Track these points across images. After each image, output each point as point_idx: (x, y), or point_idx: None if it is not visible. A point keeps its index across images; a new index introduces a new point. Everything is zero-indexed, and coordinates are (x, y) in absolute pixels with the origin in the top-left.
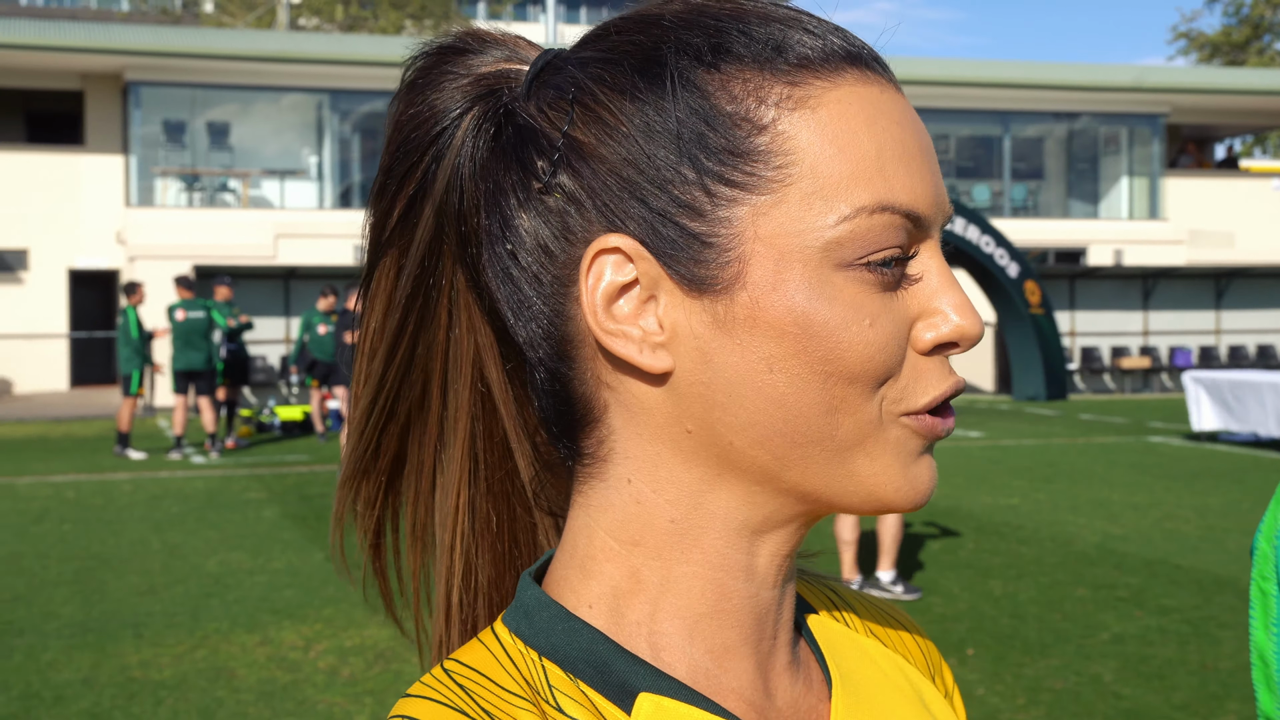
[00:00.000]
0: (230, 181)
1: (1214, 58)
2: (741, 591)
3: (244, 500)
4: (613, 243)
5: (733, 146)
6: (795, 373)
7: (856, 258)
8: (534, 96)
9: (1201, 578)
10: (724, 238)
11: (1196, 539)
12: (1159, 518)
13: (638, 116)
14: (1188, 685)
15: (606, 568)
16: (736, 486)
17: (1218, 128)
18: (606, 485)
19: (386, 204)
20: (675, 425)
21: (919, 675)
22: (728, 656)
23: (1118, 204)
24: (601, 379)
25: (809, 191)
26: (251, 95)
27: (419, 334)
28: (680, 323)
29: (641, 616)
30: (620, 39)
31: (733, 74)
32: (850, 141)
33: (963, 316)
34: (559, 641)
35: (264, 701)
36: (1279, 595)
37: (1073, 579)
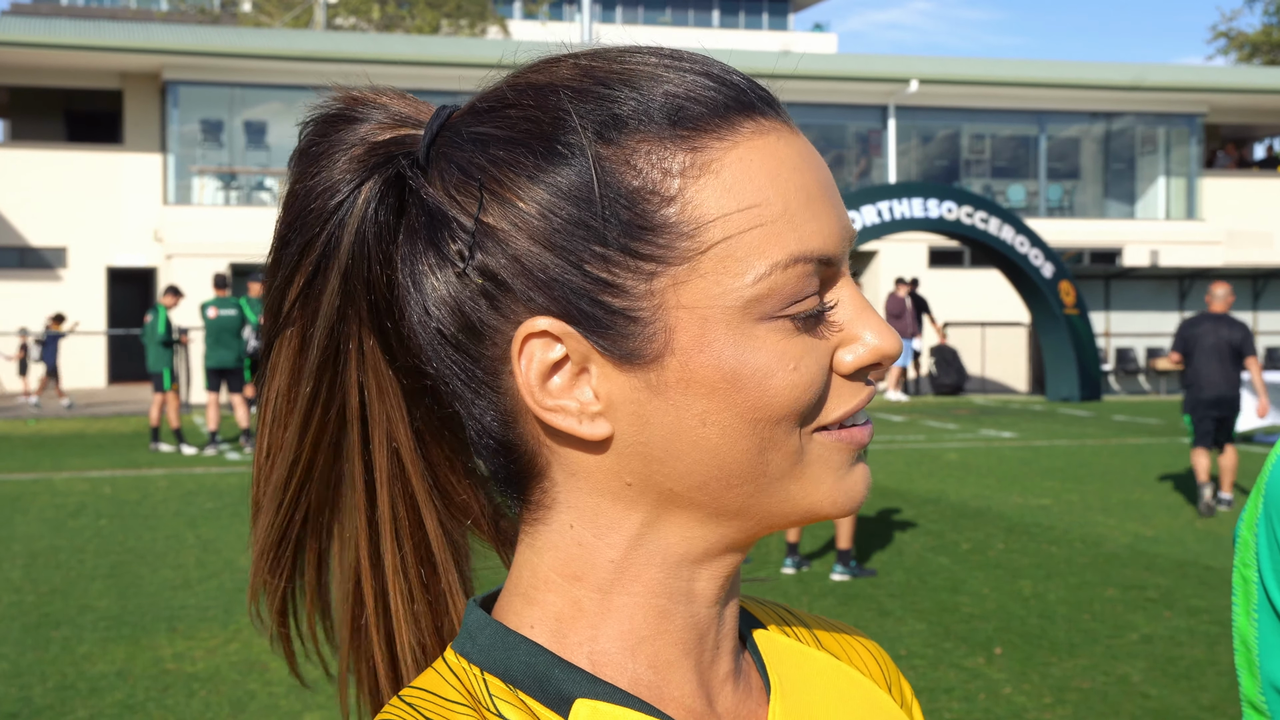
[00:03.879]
0: (267, 180)
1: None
2: (682, 613)
3: None
4: (539, 326)
5: (644, 221)
6: (727, 424)
7: (777, 310)
8: (436, 172)
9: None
10: (646, 311)
11: (1228, 540)
12: (1190, 518)
13: (545, 199)
14: (1216, 686)
15: (549, 596)
16: (675, 525)
17: (1257, 128)
18: (550, 529)
19: (287, 273)
20: (615, 480)
21: (873, 686)
22: (669, 669)
23: (1154, 204)
24: (542, 441)
25: (723, 255)
26: (288, 94)
27: (330, 403)
28: (615, 392)
29: (582, 638)
30: (517, 114)
31: (633, 146)
32: (756, 200)
33: (881, 339)
34: (499, 657)
35: (295, 694)
36: (1259, 582)
37: (1102, 579)
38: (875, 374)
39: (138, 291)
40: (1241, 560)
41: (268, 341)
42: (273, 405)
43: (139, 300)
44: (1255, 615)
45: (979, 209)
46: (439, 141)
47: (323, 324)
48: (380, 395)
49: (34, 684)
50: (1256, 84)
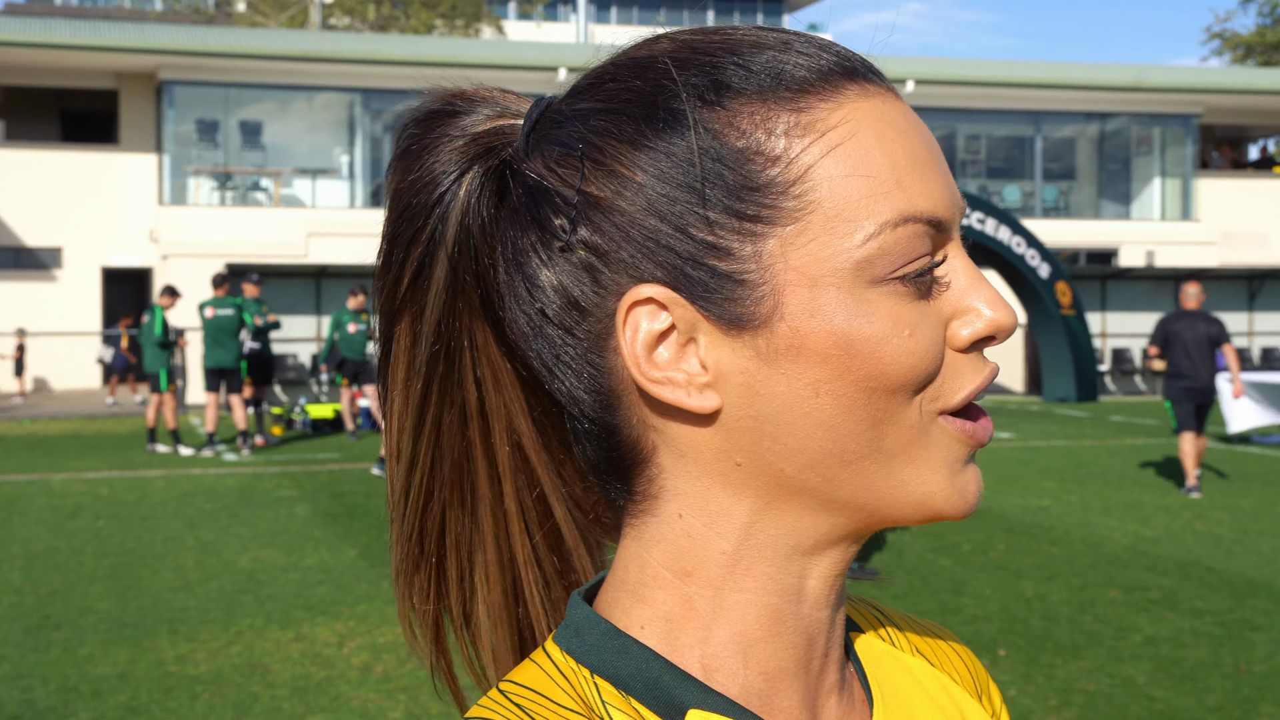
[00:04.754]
0: (262, 180)
1: (1248, 58)
2: (793, 615)
3: (275, 498)
4: (645, 293)
5: (749, 182)
6: (841, 393)
7: (888, 273)
8: (537, 153)
9: (1234, 580)
10: (755, 273)
11: (1229, 541)
12: (1191, 519)
13: (650, 165)
14: (1221, 688)
15: (659, 594)
16: (787, 512)
17: (1251, 128)
18: (658, 520)
19: (396, 271)
20: (724, 460)
21: (964, 695)
22: (780, 678)
23: (1150, 205)
24: (647, 423)
25: (831, 215)
26: (284, 94)
27: (444, 400)
28: (723, 361)
29: (694, 640)
30: (618, 86)
31: (737, 109)
32: (864, 159)
33: (996, 310)
34: (610, 659)
35: (298, 697)
36: None
37: (1104, 581)
38: (990, 346)
39: (133, 292)
40: None
41: (385, 342)
42: (395, 409)
43: (135, 300)
44: None
45: (976, 209)
46: (539, 127)
47: (430, 319)
48: (497, 387)
49: (36, 686)
50: (1251, 85)
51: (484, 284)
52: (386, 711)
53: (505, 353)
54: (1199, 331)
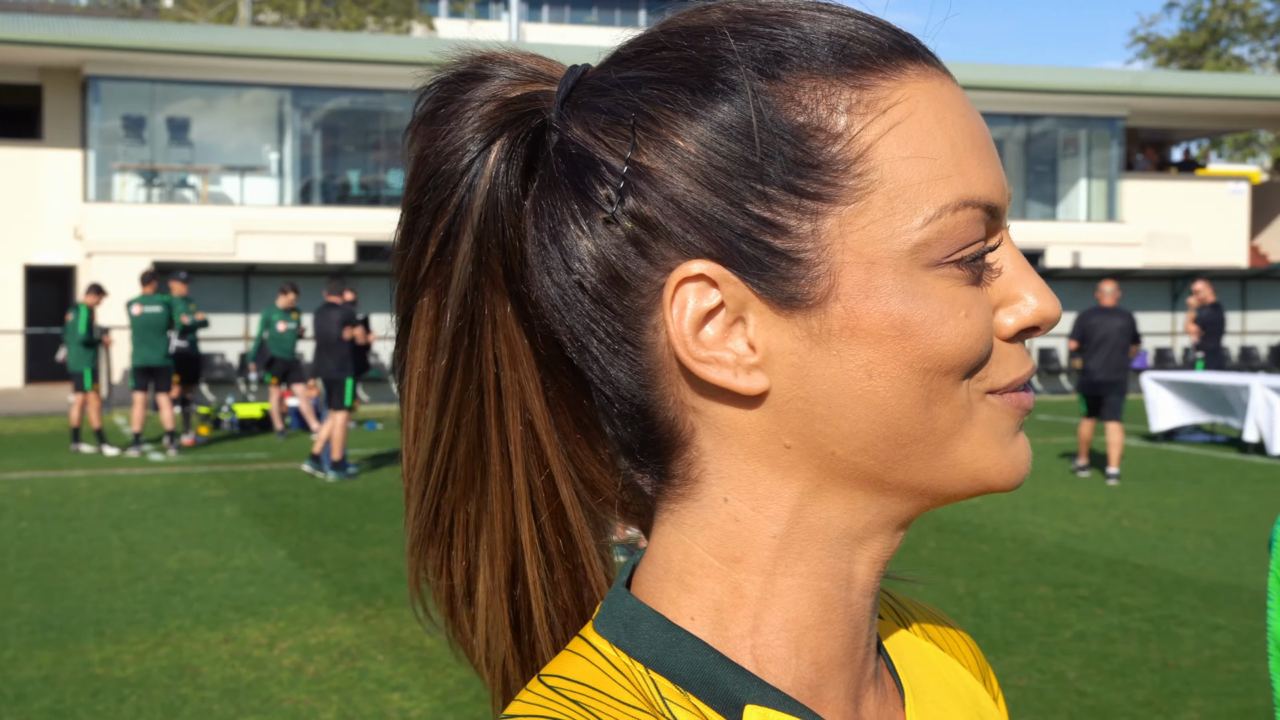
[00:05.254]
0: (190, 177)
1: (1171, 62)
2: (843, 601)
3: (203, 498)
4: (696, 269)
5: (810, 158)
6: (895, 375)
7: (945, 256)
8: (579, 120)
9: (1161, 576)
10: (811, 252)
11: (1155, 538)
12: (1118, 517)
13: (706, 136)
14: (1150, 683)
15: (707, 583)
16: (838, 495)
17: (1174, 131)
18: (701, 505)
19: (420, 241)
20: (773, 442)
21: (972, 679)
22: (830, 668)
23: (1076, 206)
24: (686, 403)
25: (892, 195)
26: (212, 91)
27: (467, 376)
28: (773, 342)
29: (745, 630)
30: (671, 55)
31: (797, 82)
32: (925, 141)
33: (1042, 300)
34: (663, 653)
35: (228, 699)
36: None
37: (1034, 578)
38: (1034, 336)
39: (57, 290)
40: (1278, 564)
41: (404, 316)
42: (415, 385)
43: (58, 299)
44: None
45: None
46: (576, 94)
47: (456, 291)
48: (513, 363)
49: None
50: (1174, 88)
51: (508, 255)
52: (319, 712)
53: (524, 329)
54: (1113, 326)
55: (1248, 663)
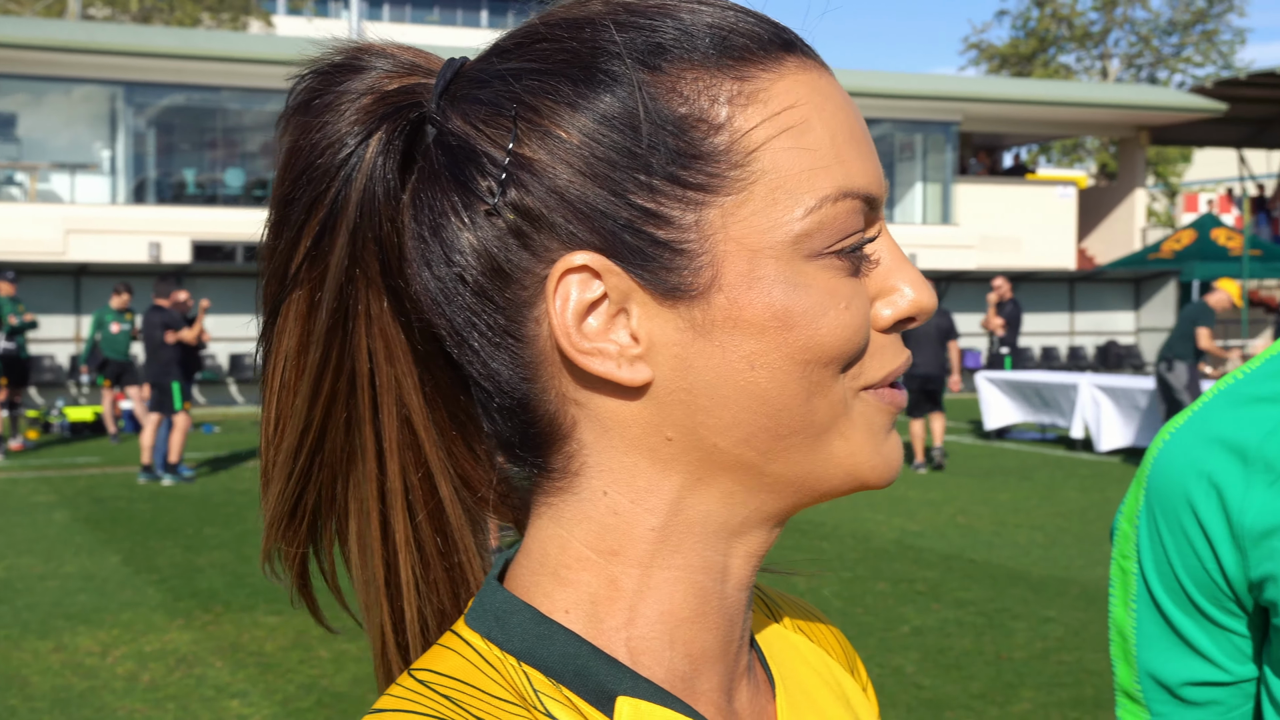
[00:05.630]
0: (17, 175)
1: (1002, 69)
2: (719, 595)
3: (32, 503)
4: (578, 260)
5: (692, 149)
6: (777, 366)
7: (825, 247)
8: (459, 112)
9: (995, 571)
10: (694, 243)
11: (989, 534)
12: (953, 513)
13: (588, 128)
14: (984, 675)
15: (583, 576)
16: (717, 488)
17: (1005, 136)
18: (580, 498)
19: (293, 235)
20: (654, 434)
21: (841, 670)
22: (704, 660)
23: (912, 209)
24: (567, 396)
25: (773, 186)
26: (40, 86)
27: (340, 369)
28: (656, 333)
29: (620, 622)
30: (552, 46)
31: (679, 74)
32: (805, 132)
33: (919, 292)
34: (535, 646)
35: (59, 709)
36: (1139, 573)
37: (873, 574)
38: (910, 327)
39: None
40: (1120, 552)
41: (273, 308)
42: (280, 372)
43: None
44: (1134, 606)
45: None
46: (455, 87)
47: (331, 285)
48: (390, 359)
49: None
50: (1006, 94)
51: (385, 250)
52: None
53: (401, 324)
54: (931, 324)
55: (1077, 654)
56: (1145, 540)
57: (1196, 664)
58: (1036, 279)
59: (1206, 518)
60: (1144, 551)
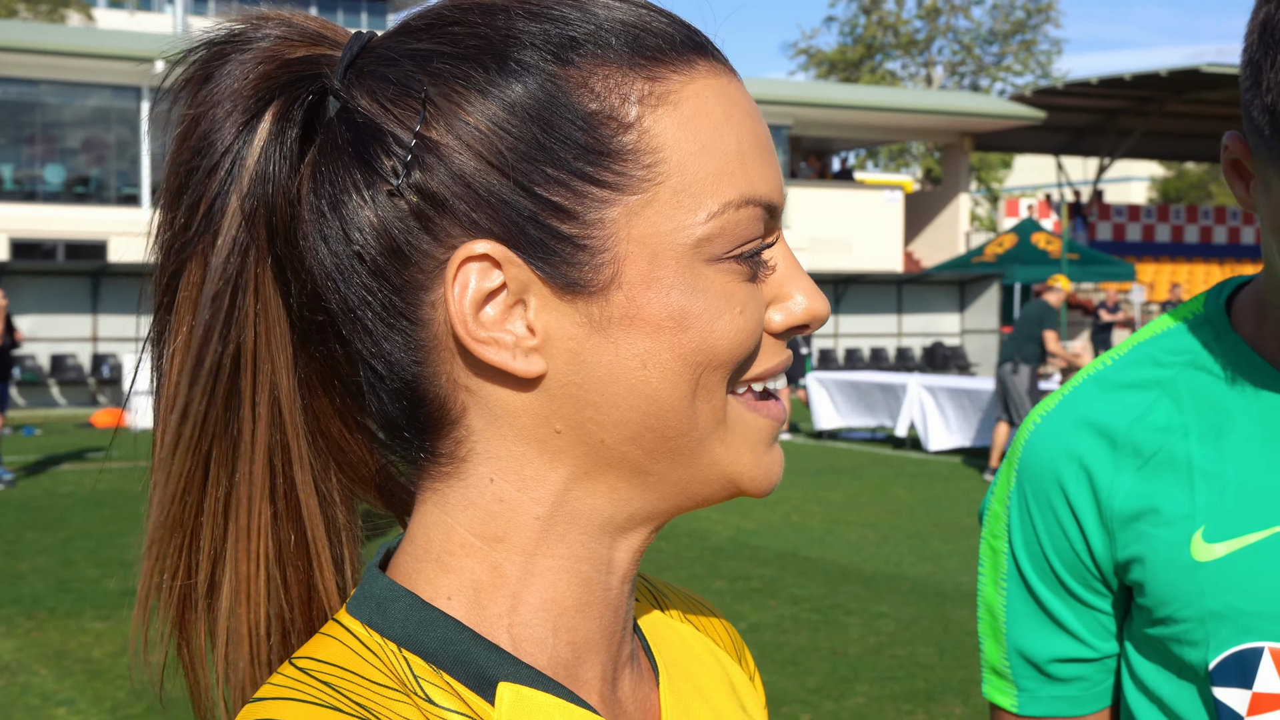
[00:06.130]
0: None
1: (831, 74)
2: (601, 585)
3: None
4: (480, 249)
5: (601, 146)
6: (668, 366)
7: (725, 252)
8: (365, 89)
9: (828, 568)
10: (598, 239)
11: (822, 531)
12: (787, 512)
13: (498, 116)
14: (820, 670)
15: (466, 562)
16: (603, 483)
17: (834, 141)
18: (466, 485)
19: (190, 203)
20: (543, 426)
21: (727, 658)
22: (586, 649)
23: None
24: (458, 382)
25: (678, 189)
26: None
27: (224, 342)
28: (553, 326)
29: (502, 609)
30: (463, 31)
31: (591, 69)
32: (713, 137)
33: (812, 300)
34: (416, 632)
35: None
36: (1009, 553)
37: (710, 572)
38: (803, 334)
39: None
40: (990, 532)
41: (167, 283)
42: (179, 355)
43: None
44: (1004, 585)
45: None
46: (361, 62)
47: (220, 254)
48: (268, 336)
49: None
50: (836, 100)
51: (276, 220)
52: None
53: (284, 299)
54: None
55: (909, 648)
56: (1016, 520)
57: (1063, 641)
58: (865, 281)
59: (1076, 499)
60: (1014, 531)
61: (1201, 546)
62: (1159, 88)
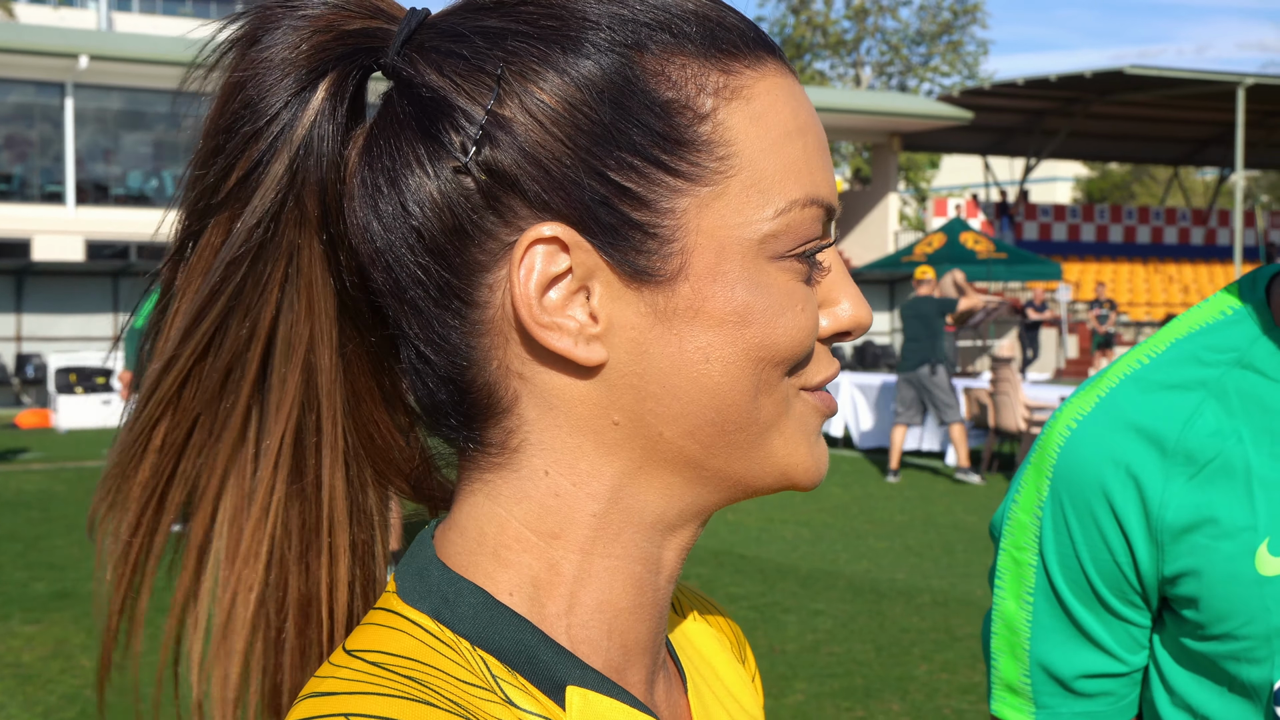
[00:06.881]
0: None
1: None
2: (652, 586)
3: None
4: (548, 232)
5: (676, 135)
6: (731, 361)
7: (788, 250)
8: (432, 64)
9: (765, 566)
10: (668, 228)
11: (758, 530)
12: (723, 511)
13: (575, 96)
14: (759, 668)
15: (524, 558)
16: (657, 479)
17: None
18: (520, 476)
19: (225, 164)
20: (601, 417)
21: (732, 658)
22: (635, 652)
23: None
24: (511, 368)
25: (748, 184)
26: None
27: (237, 311)
28: (616, 314)
29: (560, 609)
30: (536, 10)
31: (668, 57)
32: (782, 135)
33: (858, 308)
34: (487, 631)
35: None
36: (1039, 565)
37: None
38: (846, 340)
39: None
40: (1014, 544)
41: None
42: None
43: None
44: (1029, 599)
45: None
46: (421, 37)
47: (249, 218)
48: (309, 312)
49: None
50: None
51: (325, 194)
52: None
53: (333, 276)
54: None
55: (846, 645)
56: (1049, 531)
57: (1093, 656)
58: None
59: (1123, 509)
60: (1047, 542)
61: (1268, 560)
62: (1083, 89)
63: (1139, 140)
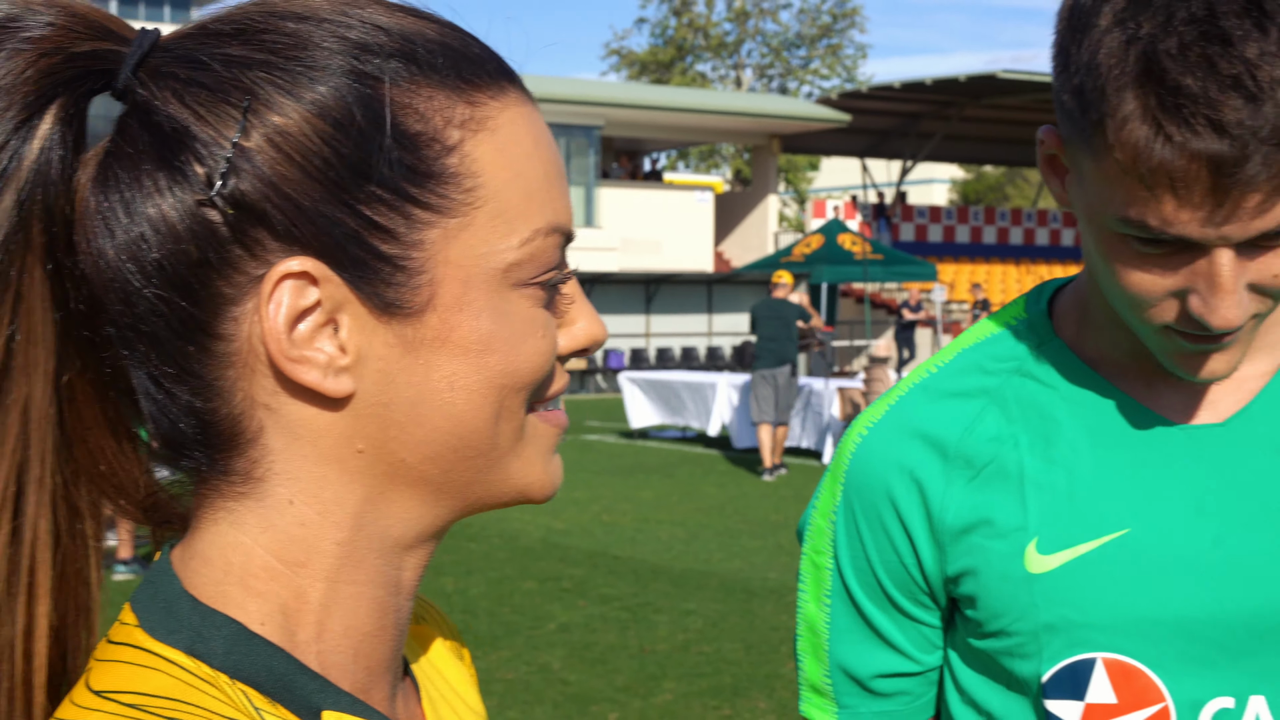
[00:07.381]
0: None
1: (642, 75)
2: (394, 607)
3: None
4: (297, 266)
5: (424, 168)
6: (475, 389)
7: (530, 277)
8: (172, 92)
9: (638, 566)
10: (417, 261)
11: (632, 530)
12: (598, 511)
13: (322, 129)
14: (629, 668)
15: (273, 587)
16: (397, 503)
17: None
18: (265, 506)
19: None
20: (346, 446)
21: (452, 657)
22: (378, 671)
23: None
24: (258, 400)
25: (493, 214)
26: None
27: None
28: (365, 346)
29: (310, 636)
30: (281, 41)
31: (416, 90)
32: (525, 164)
33: (592, 325)
34: (243, 663)
35: None
36: (834, 568)
37: (520, 573)
38: (583, 356)
39: None
40: (813, 548)
41: None
42: None
43: None
44: (827, 601)
45: None
46: (156, 61)
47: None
48: (29, 342)
49: None
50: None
51: (53, 222)
52: None
53: (54, 304)
54: None
55: (716, 644)
56: (842, 535)
57: (888, 656)
58: (676, 281)
59: (907, 512)
60: (840, 546)
61: (1035, 558)
62: (958, 92)
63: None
